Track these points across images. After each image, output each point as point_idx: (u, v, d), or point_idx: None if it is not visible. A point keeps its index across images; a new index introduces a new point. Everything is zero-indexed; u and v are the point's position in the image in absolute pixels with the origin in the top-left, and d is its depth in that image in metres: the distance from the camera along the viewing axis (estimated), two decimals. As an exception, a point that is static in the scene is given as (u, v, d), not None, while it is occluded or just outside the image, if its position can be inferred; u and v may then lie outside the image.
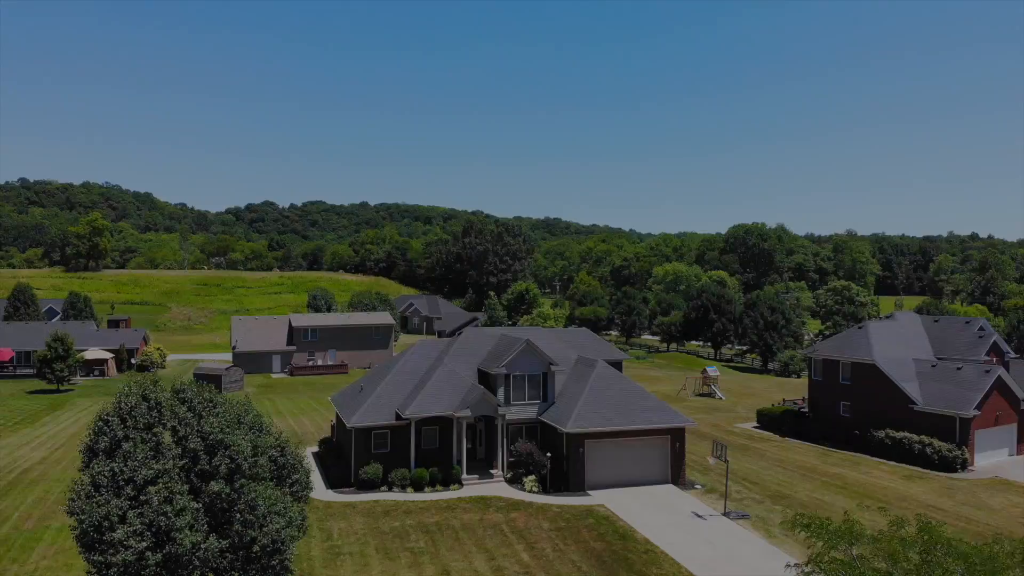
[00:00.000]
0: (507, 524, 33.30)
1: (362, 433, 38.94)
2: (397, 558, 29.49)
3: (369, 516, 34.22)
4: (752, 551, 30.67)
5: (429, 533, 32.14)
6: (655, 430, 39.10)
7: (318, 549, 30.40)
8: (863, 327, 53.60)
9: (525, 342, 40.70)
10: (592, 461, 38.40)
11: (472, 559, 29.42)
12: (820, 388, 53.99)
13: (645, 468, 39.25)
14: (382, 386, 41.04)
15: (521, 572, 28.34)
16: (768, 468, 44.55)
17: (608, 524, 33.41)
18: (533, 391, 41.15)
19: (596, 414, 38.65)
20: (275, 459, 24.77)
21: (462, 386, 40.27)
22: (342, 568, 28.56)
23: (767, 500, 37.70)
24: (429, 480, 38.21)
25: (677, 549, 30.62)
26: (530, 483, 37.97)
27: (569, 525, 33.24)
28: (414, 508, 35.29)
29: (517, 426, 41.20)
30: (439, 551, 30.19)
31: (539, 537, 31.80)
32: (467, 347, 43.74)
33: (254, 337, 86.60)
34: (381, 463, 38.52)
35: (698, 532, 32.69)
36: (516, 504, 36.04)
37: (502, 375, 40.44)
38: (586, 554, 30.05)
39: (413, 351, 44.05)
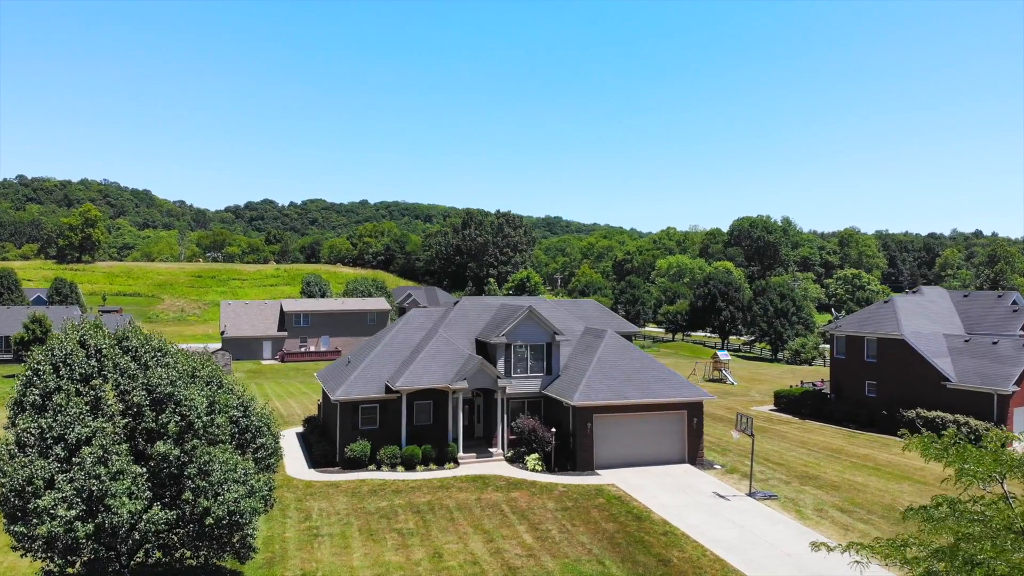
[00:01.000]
0: (507, 504, 29.80)
1: (348, 408, 35.43)
2: (382, 540, 25.99)
3: (354, 496, 30.72)
4: (784, 533, 27.16)
5: (420, 513, 28.65)
6: (670, 404, 35.57)
7: (294, 530, 26.90)
8: (889, 301, 50.07)
9: (528, 309, 37.20)
10: (601, 438, 34.88)
11: (468, 541, 25.92)
12: (843, 367, 50.45)
13: (659, 446, 35.73)
14: (371, 358, 37.54)
15: (524, 554, 24.84)
16: (791, 449, 41.02)
17: (620, 504, 29.90)
18: (536, 363, 37.64)
19: (606, 386, 35.14)
20: (237, 420, 21.27)
21: (458, 357, 36.77)
22: (319, 550, 25.06)
23: (794, 480, 34.18)
24: (422, 458, 34.69)
25: (700, 531, 27.11)
26: (533, 461, 34.46)
27: (577, 505, 29.74)
28: (404, 487, 31.78)
29: (519, 401, 37.69)
30: (430, 532, 26.70)
31: (543, 517, 28.30)
32: (464, 317, 40.23)
33: (243, 322, 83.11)
34: (369, 440, 35.01)
35: (721, 513, 29.18)
36: (517, 483, 32.54)
37: (502, 345, 36.94)
38: (597, 535, 26.55)
39: (405, 321, 40.56)
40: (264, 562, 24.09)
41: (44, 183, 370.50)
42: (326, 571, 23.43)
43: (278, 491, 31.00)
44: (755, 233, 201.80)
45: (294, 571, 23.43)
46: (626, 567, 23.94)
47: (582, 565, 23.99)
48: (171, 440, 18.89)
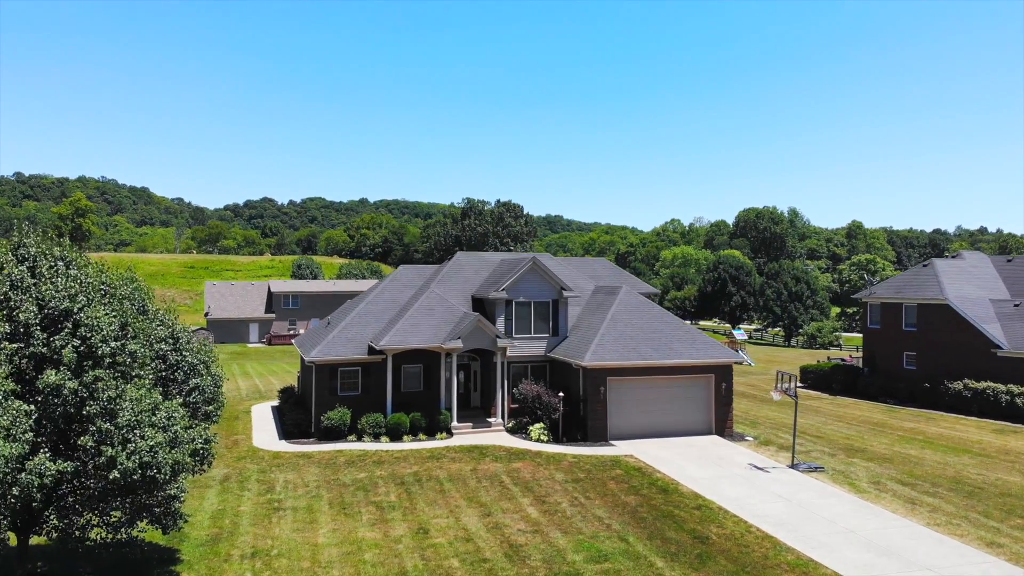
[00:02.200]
0: (508, 475, 25.25)
1: (325, 371, 30.88)
2: (356, 514, 21.45)
3: (328, 467, 26.18)
4: (840, 507, 22.61)
5: (404, 485, 24.11)
6: (695, 367, 30.99)
7: (251, 504, 22.36)
8: (929, 265, 45.45)
9: (531, 260, 32.64)
10: (616, 404, 30.31)
11: (460, 515, 21.37)
12: (878, 338, 45.84)
13: (682, 414, 31.15)
14: (352, 316, 33.00)
15: (528, 530, 20.29)
16: (827, 423, 36.44)
17: (642, 476, 25.35)
18: (541, 322, 33.08)
19: (621, 346, 30.57)
20: (164, 355, 16.69)
21: (452, 315, 32.21)
22: (278, 525, 20.52)
23: (840, 453, 29.60)
24: (410, 428, 30.13)
25: (740, 505, 22.57)
26: (537, 431, 29.90)
27: (590, 476, 25.18)
28: (388, 458, 27.23)
29: (521, 365, 33.13)
30: (416, 506, 22.15)
31: (551, 489, 23.75)
32: (459, 273, 35.67)
33: (229, 304, 78.59)
34: (349, 408, 30.46)
35: (762, 486, 24.63)
36: (520, 453, 27.99)
37: (502, 301, 32.38)
38: (616, 509, 22.00)
39: (393, 278, 36.00)
40: (208, 539, 19.55)
41: (41, 180, 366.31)
42: (283, 549, 18.89)
43: (239, 463, 26.55)
44: (761, 224, 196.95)
45: (243, 549, 18.89)
46: (654, 544, 19.38)
47: (600, 542, 19.44)
48: (66, 369, 14.35)
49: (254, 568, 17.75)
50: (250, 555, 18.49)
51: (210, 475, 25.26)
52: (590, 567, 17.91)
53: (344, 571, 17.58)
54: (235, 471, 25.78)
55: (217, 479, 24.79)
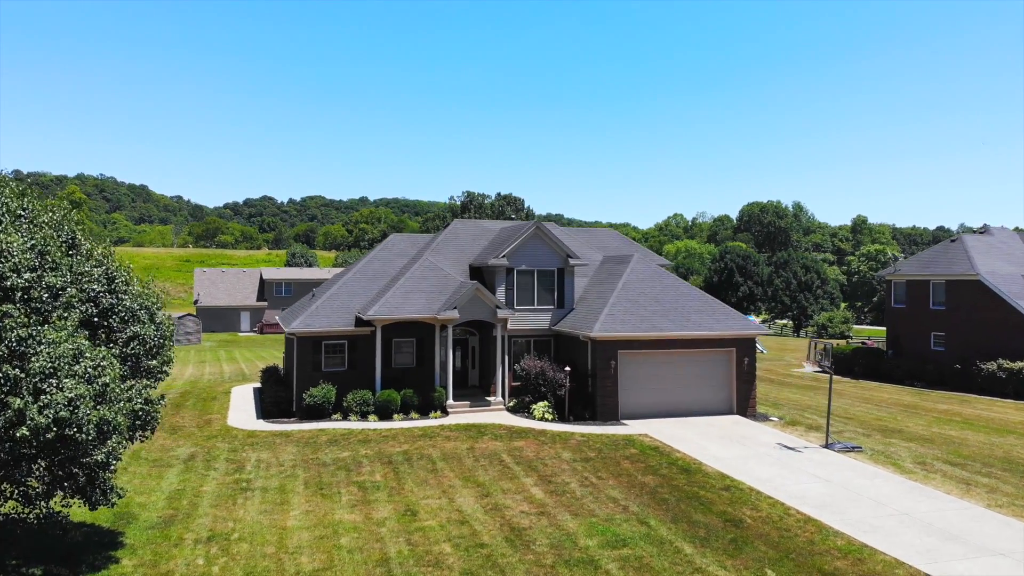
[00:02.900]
0: (509, 454, 22.48)
1: (307, 344, 28.10)
2: (335, 495, 18.68)
3: (307, 446, 23.42)
4: (888, 488, 19.84)
5: (391, 464, 21.35)
6: (715, 339, 28.20)
7: (215, 483, 19.60)
8: (957, 240, 42.67)
9: (535, 225, 29.85)
10: (628, 380, 27.53)
11: (454, 496, 18.61)
12: (903, 318, 43.07)
13: (700, 392, 28.37)
14: (339, 286, 30.23)
15: (533, 512, 17.53)
16: (854, 405, 33.67)
17: (659, 455, 22.58)
18: (545, 293, 30.30)
19: (633, 316, 27.79)
20: (96, 297, 13.92)
21: (448, 284, 29.44)
22: (243, 507, 17.76)
23: (874, 434, 26.83)
24: (400, 406, 27.36)
25: (773, 486, 19.80)
26: (541, 410, 27.12)
27: (601, 456, 22.41)
28: (374, 436, 24.47)
29: (523, 339, 30.36)
30: (403, 486, 19.39)
31: (557, 469, 20.98)
32: (456, 240, 32.89)
33: (219, 291, 75.83)
34: (334, 385, 27.69)
35: (796, 466, 21.86)
36: (522, 431, 25.23)
37: (502, 269, 29.61)
38: (632, 490, 19.23)
39: (383, 247, 33.22)
40: (159, 521, 16.79)
41: (40, 178, 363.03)
42: (246, 532, 16.12)
43: (209, 442, 23.81)
44: (766, 218, 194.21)
45: (199, 532, 16.12)
46: (680, 528, 16.61)
47: (616, 526, 16.67)
48: (-36, 304, 11.61)
49: (208, 554, 14.98)
50: (206, 539, 15.72)
51: (174, 454, 22.52)
52: (607, 553, 15.14)
53: (315, 558, 14.82)
54: (203, 450, 23.03)
55: (181, 458, 22.04)
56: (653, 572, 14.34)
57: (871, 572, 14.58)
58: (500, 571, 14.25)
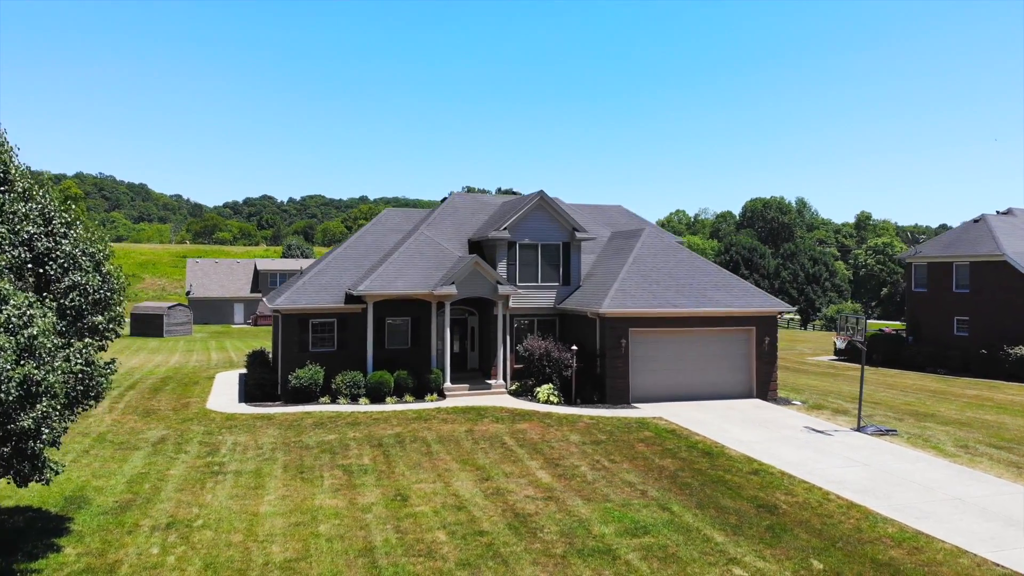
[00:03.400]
0: (512, 436, 20.45)
1: (294, 322, 26.09)
2: (317, 479, 16.66)
3: (290, 428, 21.40)
4: (933, 472, 17.82)
5: (382, 447, 19.32)
6: (734, 317, 26.18)
7: (184, 467, 17.58)
8: (981, 220, 40.61)
9: (538, 196, 27.82)
10: (640, 361, 25.51)
11: (451, 479, 16.58)
12: (924, 303, 41.03)
13: (717, 373, 26.35)
14: (328, 261, 28.21)
15: (539, 496, 15.50)
16: (879, 390, 31.60)
17: (677, 438, 20.55)
18: (550, 269, 28.28)
19: (645, 292, 25.78)
20: (31, 240, 11.90)
21: (445, 259, 27.42)
22: (212, 492, 15.73)
23: (907, 418, 24.80)
24: (394, 388, 25.35)
25: (808, 470, 17.78)
26: (546, 392, 25.11)
27: (613, 439, 20.38)
28: (365, 419, 22.45)
29: (526, 319, 28.34)
30: (394, 469, 17.36)
31: (565, 452, 18.95)
32: (454, 215, 30.87)
33: (212, 282, 73.77)
34: (323, 366, 25.68)
35: (828, 450, 19.83)
36: (526, 414, 23.21)
37: (504, 243, 27.60)
38: (650, 474, 17.20)
39: (376, 222, 31.18)
40: (115, 506, 14.76)
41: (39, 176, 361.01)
42: (212, 519, 14.09)
43: (183, 425, 21.81)
44: (769, 214, 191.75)
45: (158, 519, 14.09)
46: (707, 515, 14.58)
47: (635, 511, 14.64)
48: None
49: (165, 542, 12.95)
50: (164, 526, 13.69)
51: (143, 437, 20.50)
52: (626, 542, 13.11)
53: (288, 546, 12.79)
54: (175, 432, 21.00)
55: (150, 441, 20.01)
56: (681, 563, 12.31)
57: (931, 562, 12.57)
58: (503, 561, 12.23)
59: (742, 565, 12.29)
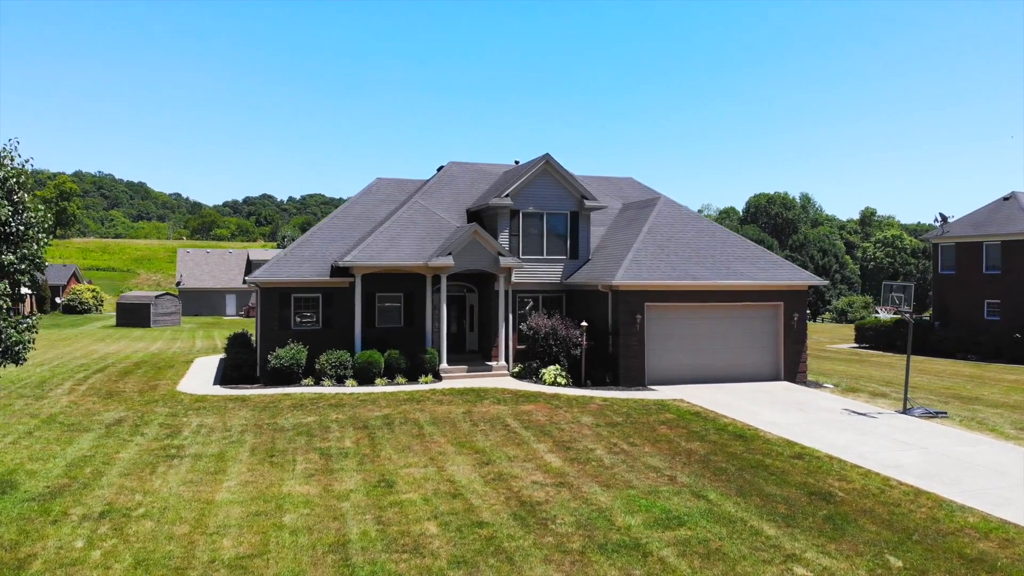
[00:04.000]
0: (516, 418, 18.07)
1: (274, 297, 23.73)
2: (287, 464, 14.27)
3: (265, 410, 19.01)
4: (997, 455, 15.47)
5: (367, 429, 16.93)
6: (760, 291, 23.81)
7: (136, 449, 15.19)
8: (1011, 197, 38.21)
9: (544, 160, 25.44)
10: (656, 339, 23.13)
11: (445, 464, 14.19)
12: (952, 285, 38.63)
13: (741, 354, 23.97)
14: (312, 232, 25.85)
15: (549, 482, 13.11)
16: (913, 376, 29.09)
17: (703, 420, 18.16)
18: (556, 241, 25.89)
19: (662, 263, 23.39)
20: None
21: (441, 229, 25.05)
22: (163, 477, 13.34)
23: (952, 401, 22.41)
24: (384, 368, 22.97)
25: (857, 454, 15.40)
26: (552, 374, 22.73)
27: (630, 420, 17.99)
28: (351, 400, 20.06)
29: (530, 296, 25.95)
30: (379, 453, 14.97)
31: (577, 435, 16.56)
32: (451, 184, 28.49)
33: (203, 272, 71.40)
34: (306, 345, 23.31)
35: (876, 432, 17.45)
36: (531, 395, 20.82)
37: (506, 211, 25.22)
38: (677, 458, 14.81)
39: (366, 192, 28.76)
40: (45, 491, 12.38)
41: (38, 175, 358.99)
42: (156, 507, 11.70)
43: (147, 407, 19.45)
44: (772, 210, 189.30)
45: (91, 507, 11.70)
46: (751, 503, 12.19)
47: (664, 499, 12.26)
48: None
49: (93, 534, 10.57)
50: (97, 515, 11.31)
51: (98, 418, 18.11)
52: (657, 535, 10.73)
53: (242, 540, 10.40)
54: (135, 414, 18.61)
55: (105, 423, 17.63)
56: (728, 560, 9.92)
57: (1033, 558, 10.19)
58: (507, 559, 9.84)
59: (803, 563, 9.90)
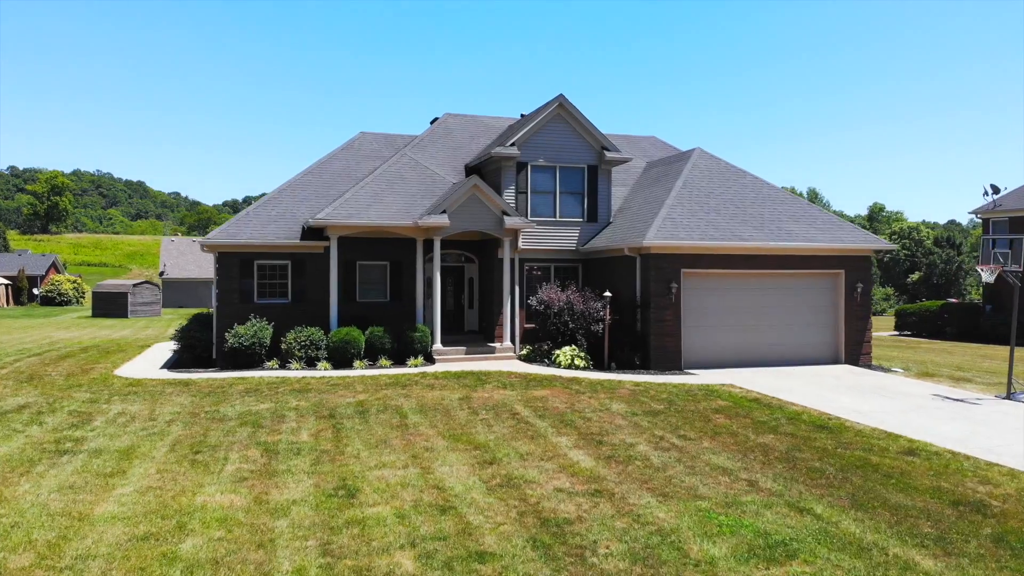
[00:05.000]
0: (527, 405, 14.12)
1: (233, 264, 19.82)
2: (215, 462, 10.34)
3: (210, 396, 15.06)
4: None
5: (333, 419, 12.99)
6: (818, 256, 19.87)
7: (20, 444, 11.27)
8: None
9: (558, 101, 21.49)
10: (694, 314, 19.19)
11: (432, 463, 10.24)
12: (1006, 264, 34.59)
13: (793, 332, 20.04)
14: (281, 188, 21.90)
15: (582, 489, 9.17)
16: (978, 361, 25.21)
17: (765, 408, 14.21)
18: (571, 202, 21.95)
19: (700, 221, 19.45)
20: None
21: (434, 184, 21.13)
22: (38, 480, 9.42)
23: (1054, 387, 18.42)
24: (365, 349, 19.04)
25: (984, 448, 11.48)
26: (568, 355, 18.79)
27: (674, 408, 14.03)
28: (319, 385, 16.14)
29: (540, 266, 22.02)
30: (344, 449, 11.02)
31: (608, 425, 12.60)
32: (447, 137, 24.58)
33: (188, 262, 67.47)
34: (272, 321, 19.41)
35: (990, 422, 13.50)
36: (543, 379, 16.88)
37: (512, 163, 21.30)
38: (750, 455, 10.85)
39: (347, 147, 24.73)
40: None
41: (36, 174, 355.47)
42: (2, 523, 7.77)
43: (65, 392, 15.50)
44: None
45: None
46: (878, 520, 8.24)
47: (751, 514, 8.32)
48: None
49: None
50: None
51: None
52: (761, 573, 6.78)
53: (100, 585, 6.47)
54: (46, 400, 14.68)
55: (1, 410, 13.70)
56: (891, 621, 5.95)
57: None
58: (527, 621, 5.90)
59: (1014, 625, 5.94)
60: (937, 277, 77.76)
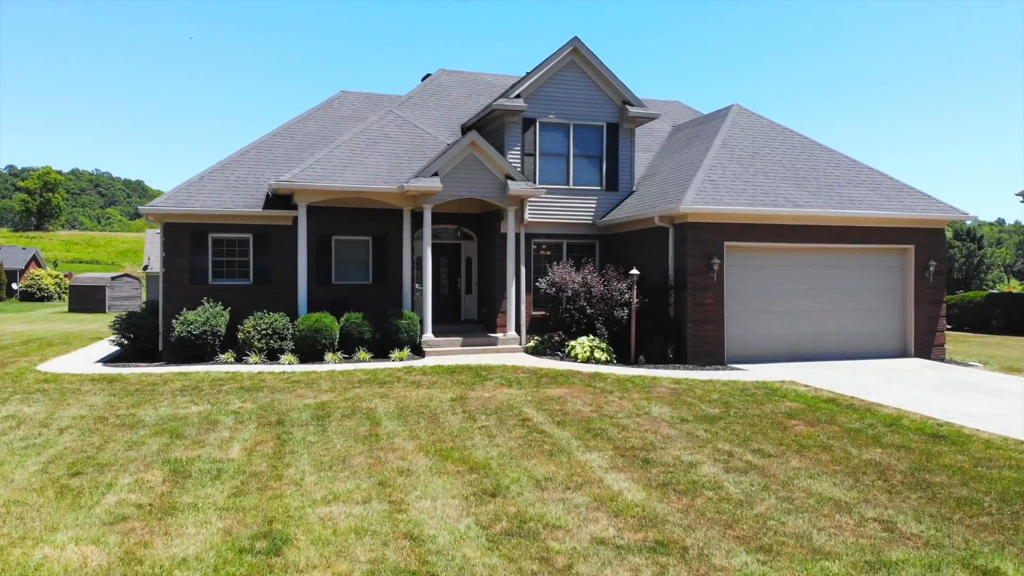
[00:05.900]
0: (540, 407, 10.83)
1: (183, 237, 16.59)
2: (92, 491, 7.05)
3: (133, 395, 11.79)
4: None
5: (280, 426, 9.70)
6: (883, 227, 16.60)
7: None
8: None
9: (572, 44, 18.17)
10: (736, 298, 15.91)
11: (407, 495, 6.94)
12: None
13: (853, 318, 16.76)
14: (243, 150, 18.61)
15: (636, 542, 5.86)
16: (1054, 356, 21.92)
17: (854, 412, 10.90)
18: (587, 167, 18.64)
19: (748, 185, 16.15)
20: None
21: (424, 145, 17.85)
22: None
23: None
24: (340, 338, 15.77)
25: None
26: (587, 347, 15.51)
27: (734, 412, 10.74)
28: (275, 382, 12.87)
29: (550, 243, 18.73)
30: (283, 472, 7.72)
31: (653, 435, 9.30)
32: (441, 95, 21.34)
33: (174, 255, 64.18)
34: (229, 306, 16.15)
35: None
36: (558, 375, 13.61)
37: (517, 119, 18.02)
38: (861, 479, 7.55)
39: (325, 107, 21.40)
40: None
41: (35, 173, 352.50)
42: None
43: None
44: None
45: None
46: None
47: None
48: None
49: None
50: None
51: None
52: None
53: None
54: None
55: None
56: None
57: None
58: None
59: None
60: (957, 271, 74.91)
